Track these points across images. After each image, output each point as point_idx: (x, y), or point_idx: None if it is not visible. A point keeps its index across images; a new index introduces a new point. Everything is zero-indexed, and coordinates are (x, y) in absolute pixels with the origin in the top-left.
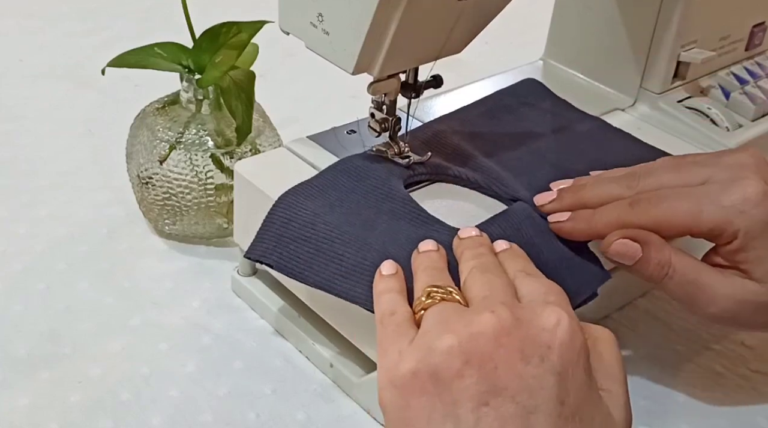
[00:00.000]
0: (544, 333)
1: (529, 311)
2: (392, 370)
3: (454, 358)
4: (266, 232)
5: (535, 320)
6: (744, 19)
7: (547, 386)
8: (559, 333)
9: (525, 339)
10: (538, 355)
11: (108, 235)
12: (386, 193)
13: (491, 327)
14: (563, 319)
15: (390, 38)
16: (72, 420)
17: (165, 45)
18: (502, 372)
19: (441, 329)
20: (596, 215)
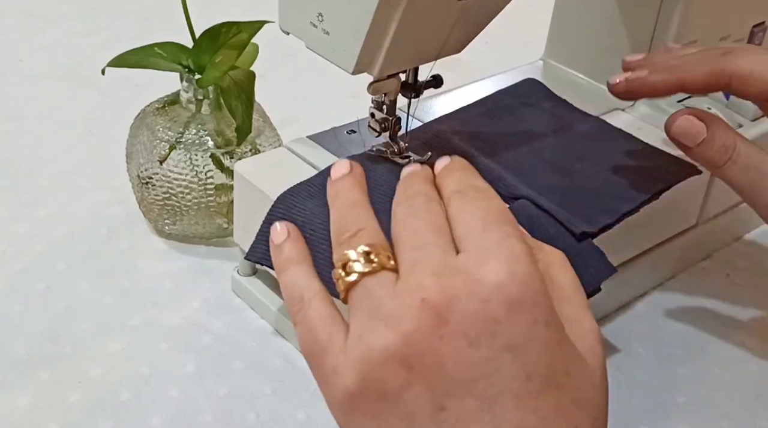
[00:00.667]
0: (485, 305)
1: (464, 277)
2: (333, 391)
3: (397, 367)
4: (266, 233)
5: (474, 289)
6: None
7: (504, 366)
8: (504, 296)
9: (465, 319)
10: (486, 333)
11: (108, 235)
12: (385, 193)
13: (426, 318)
14: (503, 275)
15: (390, 38)
16: (72, 420)
17: (165, 45)
18: (450, 367)
19: (373, 329)
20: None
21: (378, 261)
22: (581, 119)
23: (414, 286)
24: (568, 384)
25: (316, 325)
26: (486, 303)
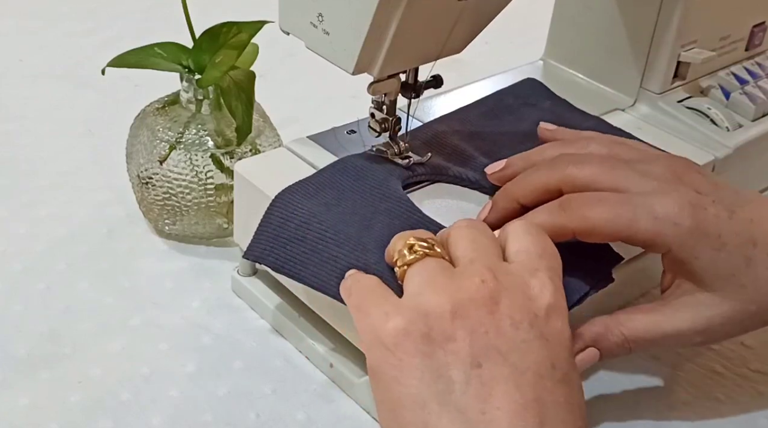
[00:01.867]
0: (530, 302)
1: (516, 278)
2: (380, 329)
3: (447, 322)
4: (263, 232)
5: (523, 287)
6: (744, 19)
7: (536, 349)
8: (545, 300)
9: (513, 306)
10: (527, 321)
11: (108, 235)
12: (384, 193)
13: (481, 295)
14: (546, 284)
15: (390, 38)
16: (72, 420)
17: (165, 45)
18: (493, 336)
19: (431, 291)
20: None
21: (440, 251)
22: (581, 118)
23: (472, 272)
24: (576, 388)
25: (372, 285)
26: (531, 301)
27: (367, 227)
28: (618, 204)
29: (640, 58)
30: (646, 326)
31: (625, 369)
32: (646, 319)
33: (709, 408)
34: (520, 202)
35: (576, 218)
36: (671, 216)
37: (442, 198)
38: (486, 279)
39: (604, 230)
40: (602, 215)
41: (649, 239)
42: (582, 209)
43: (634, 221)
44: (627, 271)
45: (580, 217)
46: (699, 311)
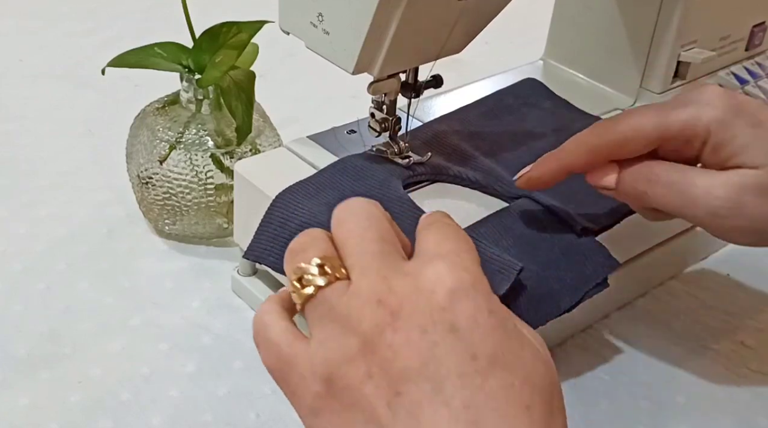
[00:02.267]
0: (432, 296)
1: (411, 279)
2: (302, 399)
3: (358, 364)
4: (264, 232)
5: (421, 285)
6: (744, 19)
7: (450, 347)
8: (447, 286)
9: (416, 311)
10: (434, 320)
11: (108, 235)
12: (384, 193)
13: (381, 318)
14: (445, 268)
15: (390, 38)
16: (72, 420)
17: (165, 45)
18: (405, 356)
19: (333, 337)
20: (560, 150)
21: (332, 272)
22: (581, 118)
23: (366, 289)
24: (517, 364)
25: (279, 342)
26: (432, 294)
27: None
28: (645, 108)
29: (640, 58)
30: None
31: (624, 368)
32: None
33: (709, 408)
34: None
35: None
36: (703, 98)
37: (442, 198)
38: (381, 297)
39: (635, 132)
40: (630, 120)
41: (684, 123)
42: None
43: (665, 113)
44: (627, 271)
45: (610, 130)
46: (737, 175)
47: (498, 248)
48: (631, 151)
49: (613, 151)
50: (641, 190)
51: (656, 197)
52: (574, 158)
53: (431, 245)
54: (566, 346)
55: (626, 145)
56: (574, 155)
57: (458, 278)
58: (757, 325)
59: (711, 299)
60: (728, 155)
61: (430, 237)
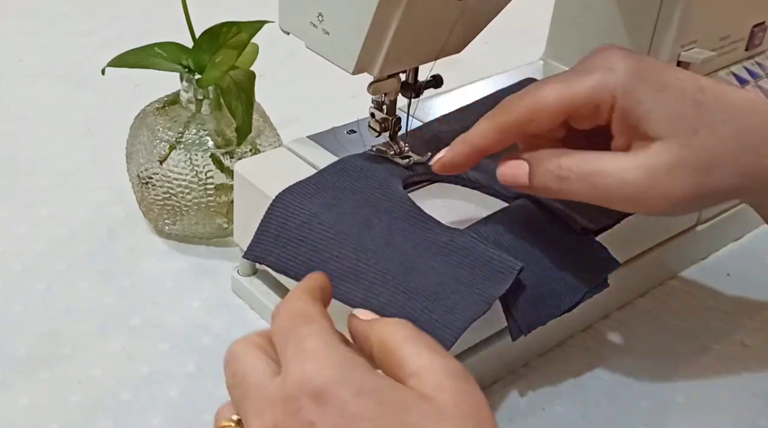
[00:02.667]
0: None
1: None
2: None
3: None
4: (264, 231)
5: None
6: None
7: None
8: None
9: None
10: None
11: (108, 235)
12: (384, 193)
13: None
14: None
15: (390, 38)
16: (72, 420)
17: (165, 45)
18: None
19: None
20: (469, 133)
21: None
22: None
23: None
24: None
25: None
26: (298, 414)
27: (367, 227)
28: (548, 80)
29: None
30: (586, 156)
31: (624, 369)
32: (587, 154)
33: (709, 408)
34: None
35: (513, 109)
36: (605, 64)
37: (442, 198)
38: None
39: (541, 106)
40: (534, 94)
41: (589, 91)
42: (516, 99)
43: (568, 83)
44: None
45: (516, 106)
46: (644, 156)
47: (498, 248)
48: (538, 126)
49: (521, 127)
50: (554, 188)
51: (570, 191)
52: (483, 139)
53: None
54: (566, 346)
55: (533, 120)
56: (483, 136)
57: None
58: (757, 325)
59: (711, 299)
60: (635, 121)
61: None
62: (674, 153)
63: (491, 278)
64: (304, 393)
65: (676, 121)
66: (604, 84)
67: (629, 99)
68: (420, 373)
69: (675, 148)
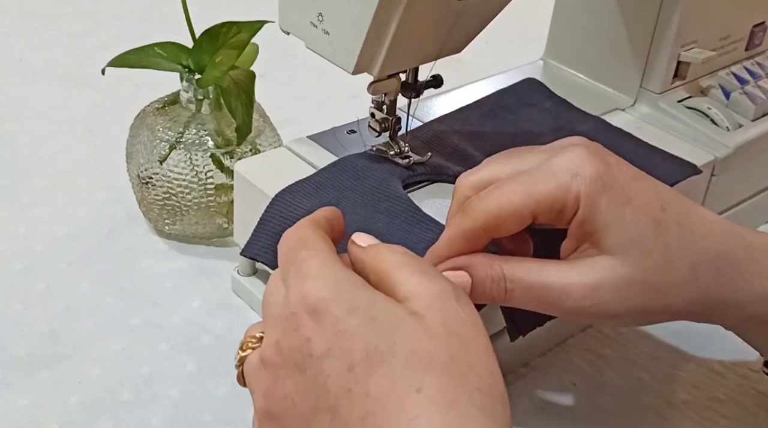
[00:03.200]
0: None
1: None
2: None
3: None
4: (262, 230)
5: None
6: (744, 19)
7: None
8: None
9: (290, 354)
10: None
11: (108, 235)
12: (384, 193)
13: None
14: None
15: (390, 38)
16: (72, 420)
17: (165, 45)
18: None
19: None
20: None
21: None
22: (581, 118)
23: (255, 355)
24: (395, 350)
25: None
26: (296, 331)
27: (367, 227)
28: (513, 182)
29: (640, 58)
30: (529, 269)
31: (624, 369)
32: (531, 264)
33: (709, 407)
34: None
35: (478, 216)
36: (571, 167)
37: (442, 198)
38: (264, 356)
39: (507, 212)
40: (499, 199)
41: (554, 197)
42: (480, 205)
43: (533, 188)
44: None
45: (481, 213)
46: (592, 270)
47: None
48: (506, 230)
49: (489, 233)
50: (499, 298)
51: (515, 302)
52: (450, 249)
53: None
54: (566, 346)
55: (499, 226)
56: (450, 246)
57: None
58: None
59: None
60: (592, 229)
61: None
62: (623, 271)
63: None
64: (303, 310)
65: (632, 239)
66: (570, 190)
67: (591, 210)
68: (411, 297)
69: (625, 267)
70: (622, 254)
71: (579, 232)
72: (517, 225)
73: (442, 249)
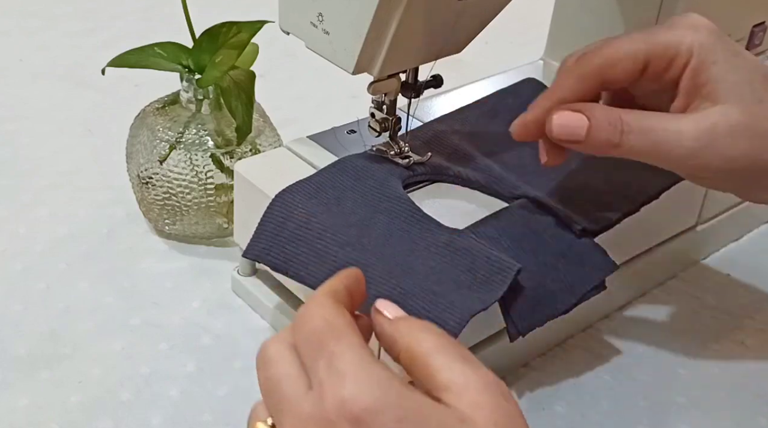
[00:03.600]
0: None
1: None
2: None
3: None
4: (263, 231)
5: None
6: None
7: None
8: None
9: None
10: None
11: (108, 235)
12: (384, 193)
13: None
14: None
15: (390, 38)
16: (72, 420)
17: (165, 45)
18: None
19: None
20: (551, 88)
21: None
22: None
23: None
24: None
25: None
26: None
27: (366, 227)
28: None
29: None
30: (645, 115)
31: (624, 369)
32: (648, 113)
33: (709, 408)
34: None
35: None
36: (688, 23)
37: (442, 198)
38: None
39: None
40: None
41: (671, 44)
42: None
43: (652, 35)
44: (627, 271)
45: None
46: (707, 117)
47: (497, 249)
48: (618, 74)
49: (602, 74)
50: (614, 141)
51: (629, 145)
52: (565, 89)
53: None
54: (566, 346)
55: (614, 67)
56: (565, 86)
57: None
58: (757, 325)
59: (711, 299)
60: (706, 79)
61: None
62: (737, 117)
63: (490, 278)
64: (343, 418)
65: (745, 87)
66: (684, 39)
67: (706, 58)
68: (453, 388)
69: (738, 112)
70: (735, 101)
71: (691, 84)
72: (630, 68)
73: (554, 89)
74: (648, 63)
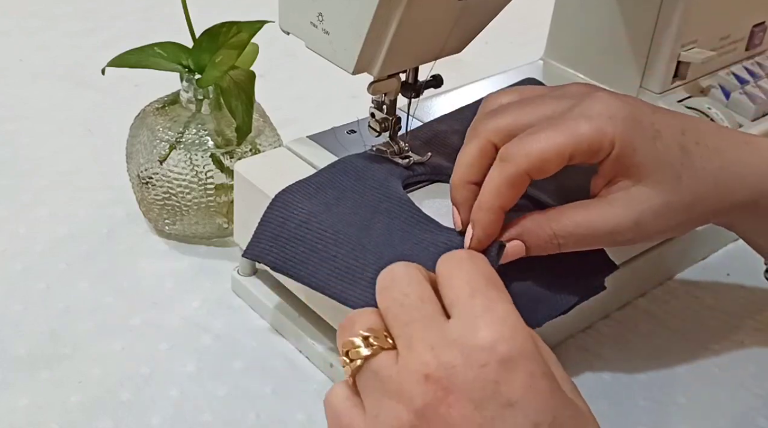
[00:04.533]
0: (483, 369)
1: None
2: None
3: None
4: (263, 231)
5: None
6: (744, 19)
7: (508, 422)
8: (498, 357)
9: (467, 385)
10: (488, 395)
11: (108, 235)
12: (384, 193)
13: (432, 393)
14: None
15: (390, 38)
16: (72, 420)
17: (165, 45)
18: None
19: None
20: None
21: (378, 343)
22: None
23: (415, 363)
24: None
25: (339, 409)
26: (484, 368)
27: (366, 227)
28: (549, 127)
29: (640, 58)
30: (576, 222)
31: (624, 369)
32: (576, 215)
33: (709, 408)
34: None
35: (521, 161)
36: (604, 112)
37: (442, 198)
38: (430, 372)
39: (552, 153)
40: (541, 143)
41: (594, 140)
42: (521, 150)
43: (573, 131)
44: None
45: (523, 157)
46: (631, 205)
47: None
48: (547, 171)
49: (531, 176)
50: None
51: (568, 249)
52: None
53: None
54: (566, 346)
55: (542, 168)
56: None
57: (510, 347)
58: (757, 325)
59: (711, 299)
60: (628, 164)
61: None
62: (661, 198)
63: None
64: (495, 354)
65: (665, 168)
66: (606, 131)
67: (627, 148)
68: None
69: (661, 193)
70: (656, 182)
71: (614, 167)
72: (557, 166)
73: (491, 199)
74: (572, 157)
